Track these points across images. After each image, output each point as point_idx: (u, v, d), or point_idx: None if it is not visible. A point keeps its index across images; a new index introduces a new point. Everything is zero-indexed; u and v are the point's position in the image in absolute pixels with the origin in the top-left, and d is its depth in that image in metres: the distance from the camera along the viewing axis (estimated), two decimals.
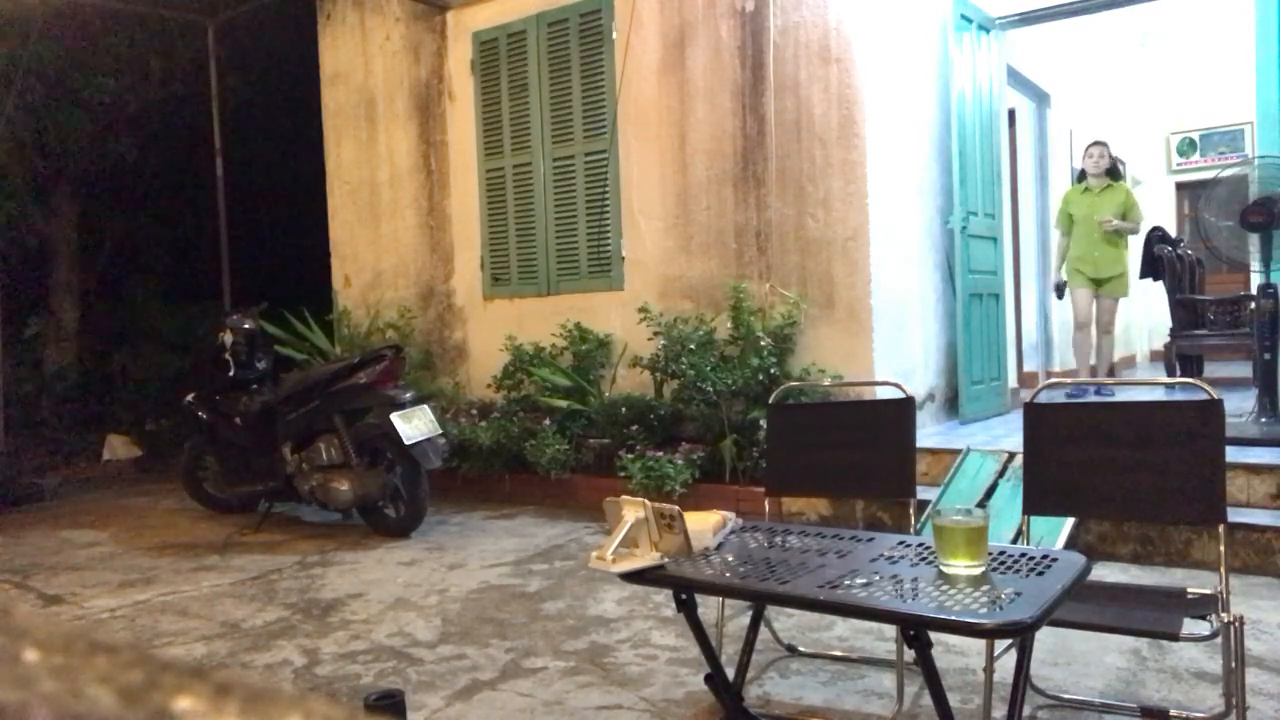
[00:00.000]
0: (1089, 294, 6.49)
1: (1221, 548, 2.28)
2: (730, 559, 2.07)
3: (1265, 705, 2.52)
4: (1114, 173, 6.56)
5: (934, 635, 1.91)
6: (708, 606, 2.63)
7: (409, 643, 3.30)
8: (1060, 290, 6.70)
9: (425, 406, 5.01)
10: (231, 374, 5.56)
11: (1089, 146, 6.59)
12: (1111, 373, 6.82)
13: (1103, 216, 6.30)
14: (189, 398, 5.75)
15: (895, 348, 5.27)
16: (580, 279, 6.18)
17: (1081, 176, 6.64)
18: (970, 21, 5.74)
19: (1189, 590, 2.40)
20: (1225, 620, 2.19)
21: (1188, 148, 11.08)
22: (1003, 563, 1.89)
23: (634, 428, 5.31)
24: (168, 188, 10.01)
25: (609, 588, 3.80)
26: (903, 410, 2.73)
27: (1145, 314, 10.63)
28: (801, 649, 3.06)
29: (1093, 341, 6.66)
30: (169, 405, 7.80)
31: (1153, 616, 2.23)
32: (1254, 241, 4.65)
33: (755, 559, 2.06)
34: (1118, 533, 4.04)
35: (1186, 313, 6.63)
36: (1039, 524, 3.60)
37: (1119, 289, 6.52)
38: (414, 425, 4.83)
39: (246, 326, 5.63)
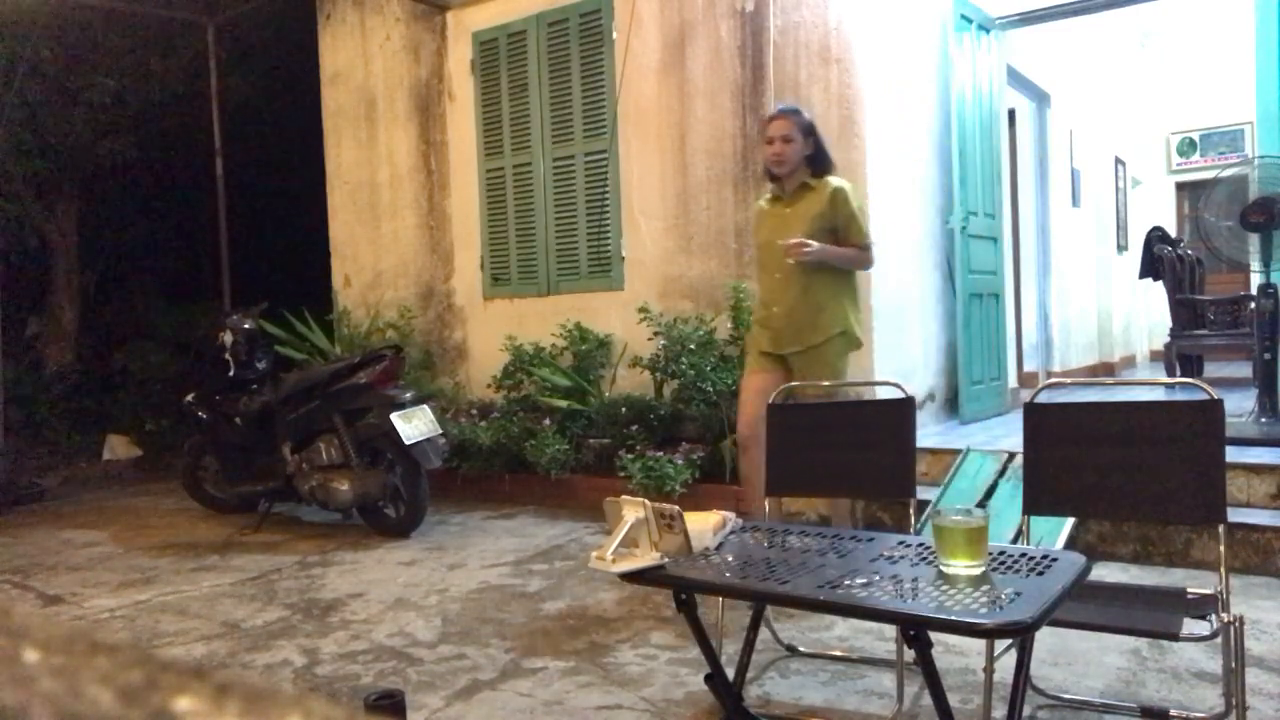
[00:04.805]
0: (762, 378, 3.67)
1: (1221, 548, 2.28)
2: (730, 559, 2.07)
3: (1265, 705, 2.52)
4: (819, 164, 3.64)
5: (934, 635, 1.90)
6: (708, 606, 2.63)
7: (409, 643, 3.30)
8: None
9: (425, 406, 5.01)
10: (231, 374, 5.57)
11: (766, 123, 3.73)
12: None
13: (788, 240, 3.50)
14: (189, 398, 5.75)
15: (895, 348, 5.27)
16: (580, 279, 6.18)
17: (773, 178, 3.74)
18: (970, 21, 5.74)
19: (1189, 590, 2.39)
20: (1225, 620, 2.19)
21: (1188, 148, 11.09)
22: (1003, 563, 1.89)
23: (634, 428, 5.31)
24: (168, 188, 10.01)
25: (609, 588, 3.80)
26: (903, 410, 2.73)
27: (1145, 314, 10.64)
28: (801, 649, 3.06)
29: (759, 464, 3.11)
30: (169, 405, 7.80)
31: (1153, 616, 2.23)
32: (1254, 241, 4.65)
33: (755, 559, 2.06)
34: (1118, 533, 4.04)
35: (1186, 313, 6.64)
36: (1039, 524, 3.61)
37: (821, 366, 3.58)
38: (414, 425, 4.83)
39: (246, 326, 5.63)
